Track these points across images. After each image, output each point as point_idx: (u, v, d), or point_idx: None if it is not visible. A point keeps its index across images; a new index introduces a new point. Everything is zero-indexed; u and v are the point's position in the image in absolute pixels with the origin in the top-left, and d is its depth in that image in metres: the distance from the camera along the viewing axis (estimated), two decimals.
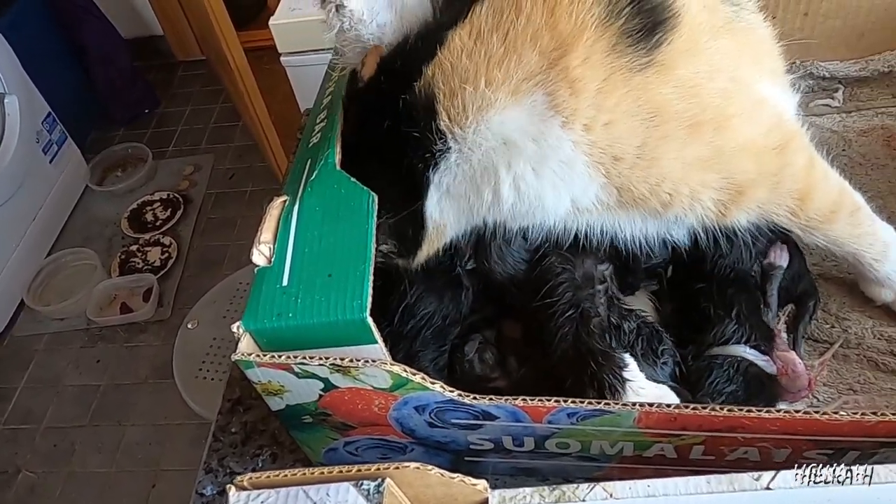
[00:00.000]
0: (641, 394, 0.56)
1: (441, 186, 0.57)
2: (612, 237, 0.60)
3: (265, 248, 0.53)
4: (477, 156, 0.54)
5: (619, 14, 0.51)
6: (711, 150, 0.54)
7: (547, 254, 0.64)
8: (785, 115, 0.60)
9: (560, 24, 0.51)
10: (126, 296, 1.97)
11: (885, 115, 0.84)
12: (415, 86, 0.54)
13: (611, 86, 0.51)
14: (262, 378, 0.50)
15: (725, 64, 0.55)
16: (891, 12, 0.81)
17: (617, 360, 0.57)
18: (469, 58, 0.52)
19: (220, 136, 2.49)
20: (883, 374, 0.62)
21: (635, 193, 0.55)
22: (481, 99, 0.51)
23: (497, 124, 0.52)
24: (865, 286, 0.67)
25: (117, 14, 2.51)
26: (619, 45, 0.51)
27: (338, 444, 0.59)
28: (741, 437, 0.49)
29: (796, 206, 0.58)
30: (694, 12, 0.54)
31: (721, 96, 0.54)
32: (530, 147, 0.53)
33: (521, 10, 0.51)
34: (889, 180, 0.77)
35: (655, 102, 0.52)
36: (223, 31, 1.77)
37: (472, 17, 0.53)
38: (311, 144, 0.61)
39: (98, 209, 2.28)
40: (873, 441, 0.47)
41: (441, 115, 0.53)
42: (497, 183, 0.55)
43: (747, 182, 0.56)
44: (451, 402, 0.49)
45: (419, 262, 0.62)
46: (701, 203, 0.56)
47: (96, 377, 1.85)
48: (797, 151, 0.58)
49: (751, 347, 0.61)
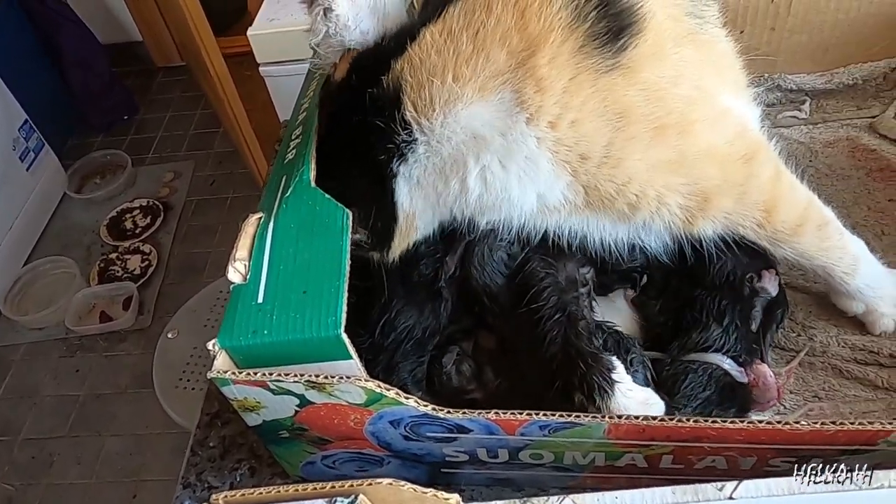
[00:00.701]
0: (629, 395, 0.57)
1: (411, 179, 0.58)
2: (583, 240, 0.61)
3: (241, 265, 0.54)
4: (447, 149, 0.56)
5: (585, 17, 0.53)
6: (676, 154, 0.55)
7: (529, 259, 0.64)
8: (749, 126, 0.62)
9: (529, 26, 0.52)
10: (105, 304, 1.95)
11: (850, 126, 0.87)
12: (383, 79, 0.55)
13: (577, 85, 0.53)
14: (238, 395, 0.51)
15: (689, 72, 0.57)
16: (854, 28, 0.83)
17: (605, 362, 0.58)
18: (438, 54, 0.53)
19: (200, 143, 2.47)
20: (847, 381, 0.64)
21: (602, 193, 0.56)
22: (448, 93, 0.53)
23: (465, 118, 0.54)
24: (836, 298, 0.68)
25: (95, 20, 2.49)
26: (585, 47, 0.53)
27: (315, 458, 0.59)
28: (708, 446, 0.50)
29: (763, 217, 0.59)
30: (659, 20, 0.56)
31: (685, 102, 0.55)
32: (498, 140, 0.54)
33: (492, 12, 0.53)
34: (854, 191, 0.79)
35: (621, 104, 0.53)
36: (202, 37, 1.76)
37: (444, 16, 0.54)
38: (286, 161, 0.62)
39: (76, 217, 2.26)
40: (835, 449, 0.49)
41: (407, 105, 0.54)
42: (465, 173, 0.56)
43: (712, 189, 0.57)
44: (426, 416, 0.50)
45: (394, 257, 0.63)
46: (668, 208, 0.57)
47: (75, 387, 1.83)
48: (764, 163, 0.59)
49: (729, 357, 0.63)
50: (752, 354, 0.63)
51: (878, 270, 0.65)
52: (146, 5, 2.54)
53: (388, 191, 0.59)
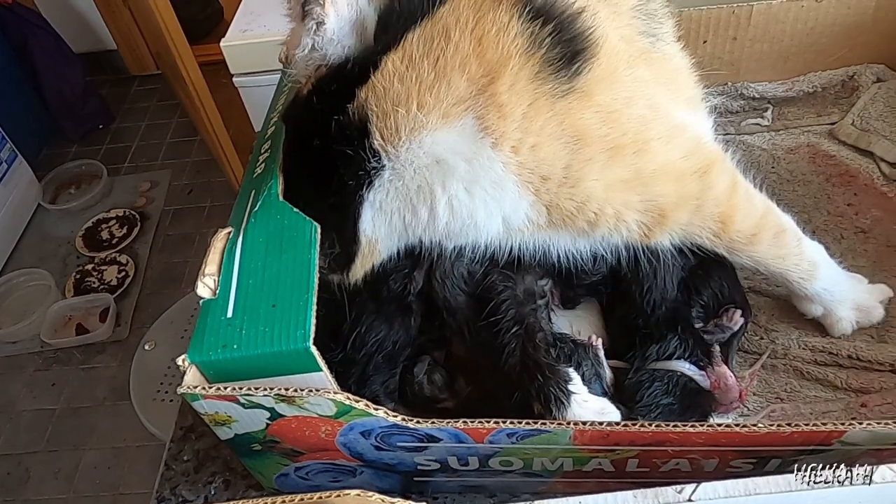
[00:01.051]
0: (585, 406, 0.58)
1: (375, 203, 0.59)
2: (546, 255, 0.63)
3: (210, 280, 0.54)
4: (409, 173, 0.56)
5: (540, 44, 0.54)
6: (632, 172, 0.56)
7: (488, 273, 0.66)
8: (704, 139, 0.63)
9: (487, 53, 0.53)
10: (82, 316, 1.93)
11: (810, 133, 0.89)
12: (348, 108, 0.56)
13: (535, 111, 0.54)
14: (208, 409, 0.51)
15: (643, 91, 0.58)
16: (812, 37, 0.86)
17: (562, 373, 0.59)
18: (401, 82, 0.54)
19: (177, 152, 2.46)
20: (807, 382, 0.66)
21: (563, 212, 0.57)
22: (414, 121, 0.54)
23: (429, 144, 0.55)
24: (797, 302, 0.70)
25: (68, 28, 2.47)
26: (541, 73, 0.54)
27: (289, 470, 0.60)
28: (671, 449, 0.52)
29: (718, 228, 0.61)
30: (612, 43, 0.57)
31: (639, 122, 0.57)
32: (462, 167, 0.55)
33: (451, 39, 0.54)
34: (814, 196, 0.81)
35: (578, 126, 0.55)
36: (177, 46, 1.76)
37: (404, 43, 0.55)
38: (255, 175, 0.62)
39: (51, 228, 2.23)
40: (792, 449, 0.50)
41: (374, 134, 0.55)
42: (433, 202, 0.57)
43: (669, 205, 0.58)
44: (395, 426, 0.51)
45: (355, 279, 0.63)
46: (626, 224, 0.59)
47: (51, 401, 1.81)
48: (719, 174, 0.60)
49: (690, 362, 0.64)
50: (709, 356, 0.64)
51: (837, 275, 0.67)
52: (120, 14, 2.52)
53: (352, 216, 0.59)
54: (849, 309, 0.68)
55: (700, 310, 0.69)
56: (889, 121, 0.85)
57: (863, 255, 0.75)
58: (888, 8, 0.84)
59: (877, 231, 0.77)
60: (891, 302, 0.70)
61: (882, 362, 0.66)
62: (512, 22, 0.53)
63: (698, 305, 0.69)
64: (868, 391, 0.65)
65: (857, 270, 0.71)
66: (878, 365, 0.66)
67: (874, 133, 0.85)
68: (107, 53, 2.70)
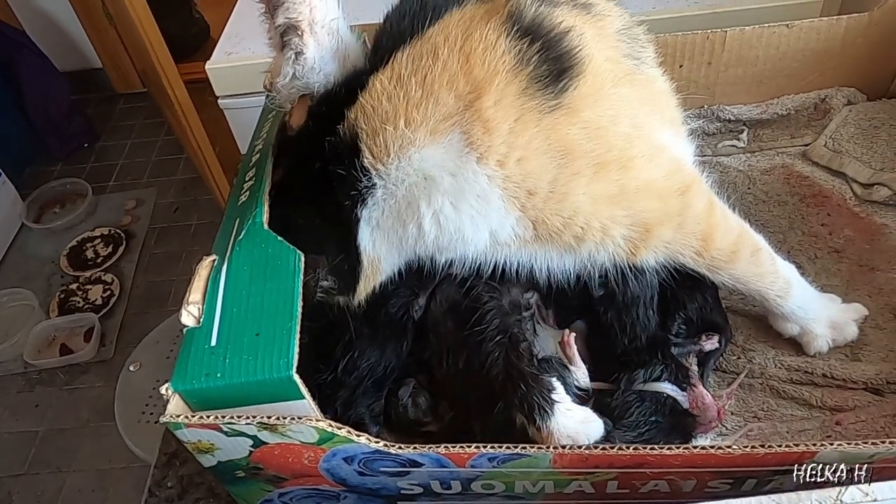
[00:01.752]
0: (568, 415, 0.59)
1: (371, 221, 0.59)
2: (531, 271, 0.64)
3: (194, 308, 0.54)
4: (401, 191, 0.57)
5: (528, 61, 0.55)
6: (617, 188, 0.58)
7: (474, 285, 0.66)
8: (684, 161, 0.65)
9: (474, 70, 0.54)
10: (66, 336, 1.91)
11: (784, 154, 0.91)
12: (338, 128, 0.57)
13: (522, 126, 0.55)
14: (191, 438, 0.52)
15: (627, 110, 0.60)
16: (784, 62, 0.88)
17: (545, 382, 0.60)
18: (389, 100, 0.55)
19: (162, 170, 2.45)
20: (784, 401, 0.67)
21: (550, 226, 0.58)
22: (402, 138, 0.55)
23: (417, 161, 0.56)
24: (773, 321, 0.71)
25: (54, 47, 2.47)
26: (529, 89, 0.55)
27: (272, 496, 0.60)
28: (649, 471, 0.53)
29: (700, 246, 0.62)
30: (597, 62, 0.59)
31: (624, 139, 0.58)
32: (448, 181, 0.56)
33: (439, 58, 0.55)
34: (789, 216, 0.83)
35: (564, 141, 0.56)
36: (163, 65, 1.76)
37: (392, 63, 0.56)
38: (240, 202, 0.63)
39: (35, 247, 2.21)
40: (767, 469, 0.51)
41: (365, 153, 0.56)
42: (419, 217, 0.58)
43: (653, 221, 0.60)
44: (378, 451, 0.51)
45: (359, 299, 0.64)
46: (612, 239, 0.60)
47: (35, 423, 1.79)
48: (697, 194, 0.62)
49: (672, 384, 0.66)
50: (687, 377, 0.66)
51: (809, 294, 0.69)
52: (106, 32, 2.53)
53: (352, 236, 0.60)
54: (824, 327, 0.69)
55: (681, 328, 0.70)
56: (860, 142, 0.87)
57: (836, 275, 0.77)
58: (856, 33, 0.86)
59: (849, 251, 0.79)
60: (864, 320, 0.71)
61: (856, 380, 0.67)
62: (500, 40, 0.55)
63: (679, 323, 0.70)
64: (843, 409, 0.66)
65: (831, 290, 0.73)
66: (851, 383, 0.67)
67: (846, 154, 0.87)
68: (92, 72, 2.70)
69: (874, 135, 0.88)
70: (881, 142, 0.87)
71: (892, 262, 0.77)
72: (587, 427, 0.59)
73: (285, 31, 0.57)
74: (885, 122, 0.89)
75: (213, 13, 2.45)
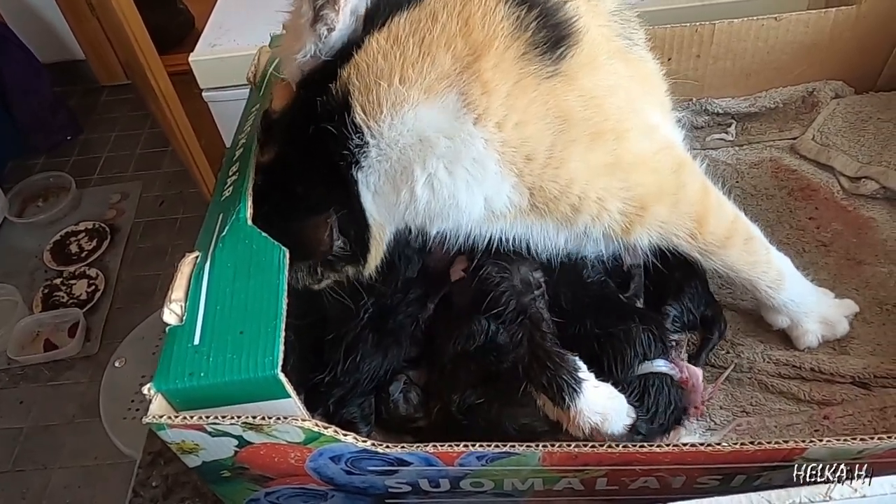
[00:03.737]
0: (596, 392, 0.58)
1: (370, 186, 0.59)
2: (528, 246, 0.63)
3: (176, 306, 0.53)
4: (395, 153, 0.56)
5: (526, 27, 0.55)
6: (613, 157, 0.58)
7: (482, 265, 0.65)
8: (675, 143, 0.65)
9: (473, 33, 0.55)
10: (50, 332, 1.89)
11: (772, 148, 0.91)
12: (330, 87, 0.56)
13: (520, 90, 0.55)
14: (174, 438, 0.51)
15: (621, 84, 0.61)
16: (773, 55, 0.88)
17: (571, 361, 0.58)
18: (385, 58, 0.55)
19: (147, 163, 2.42)
20: (772, 395, 0.67)
21: (546, 194, 0.58)
22: (395, 95, 0.54)
23: (411, 120, 0.55)
24: (764, 312, 0.71)
25: (36, 39, 2.43)
26: (527, 55, 0.55)
27: (259, 495, 0.59)
28: (638, 468, 0.52)
29: (695, 228, 0.62)
30: (592, 34, 0.59)
31: (619, 111, 0.59)
32: (444, 143, 0.55)
33: (438, 20, 0.55)
34: (777, 210, 0.83)
35: (562, 108, 0.56)
36: (146, 57, 1.73)
37: (389, 24, 0.56)
38: (223, 198, 0.62)
39: (18, 242, 2.18)
40: (756, 466, 0.51)
41: (356, 108, 0.55)
42: (412, 182, 0.57)
43: (648, 196, 0.60)
44: (365, 451, 0.51)
45: (370, 271, 0.63)
46: (608, 213, 0.60)
47: (19, 419, 1.76)
48: (691, 174, 0.63)
49: (663, 359, 0.65)
50: (666, 343, 0.66)
51: (804, 287, 0.69)
52: (88, 23, 2.48)
53: (354, 199, 0.59)
54: (815, 322, 0.69)
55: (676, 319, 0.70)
56: (847, 136, 0.87)
57: (824, 269, 0.77)
58: (844, 26, 0.86)
59: (837, 244, 0.79)
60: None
61: (843, 374, 0.67)
62: (499, 6, 0.55)
63: (673, 316, 0.70)
64: (830, 403, 0.66)
65: (819, 283, 0.73)
66: (839, 377, 0.67)
67: (833, 148, 0.87)
68: (75, 63, 2.66)
69: (862, 128, 0.88)
70: (868, 135, 0.87)
71: (880, 256, 0.77)
72: (614, 402, 0.58)
73: (322, 6, 0.55)
74: (873, 115, 0.89)
75: (198, 4, 2.41)
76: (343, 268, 0.63)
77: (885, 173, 0.82)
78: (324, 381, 0.65)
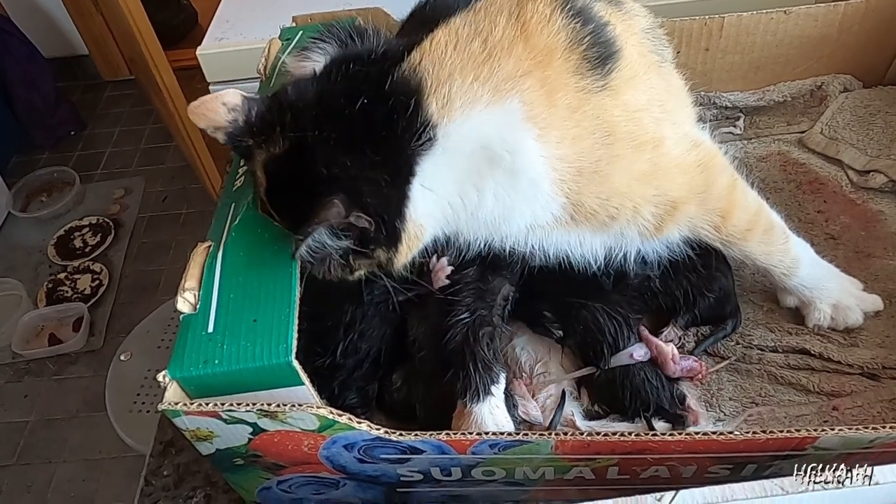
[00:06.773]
0: (493, 413, 0.61)
1: (424, 181, 0.56)
2: (561, 255, 0.64)
3: (190, 294, 0.54)
4: (459, 157, 0.56)
5: (581, 41, 0.57)
6: (651, 167, 0.60)
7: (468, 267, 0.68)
8: (704, 138, 0.67)
9: (532, 38, 0.56)
10: (54, 326, 1.89)
11: (781, 141, 0.91)
12: (401, 65, 0.55)
13: (578, 103, 0.56)
14: (189, 425, 0.51)
15: (657, 96, 0.62)
16: (781, 49, 0.88)
17: (494, 374, 0.62)
18: (455, 51, 0.55)
19: (151, 158, 2.42)
20: (781, 386, 0.68)
21: (587, 209, 0.59)
22: (469, 93, 0.54)
23: (479, 124, 0.55)
24: (778, 291, 0.73)
25: (39, 34, 2.42)
26: (581, 68, 0.57)
27: (271, 483, 0.59)
28: (650, 457, 0.53)
29: (719, 221, 0.65)
30: (630, 51, 0.61)
31: (655, 122, 0.60)
32: (507, 158, 0.56)
33: (496, 24, 0.56)
34: (786, 203, 0.83)
35: (610, 122, 0.58)
36: (151, 52, 1.73)
37: (448, 25, 0.57)
38: (234, 188, 0.62)
39: (22, 236, 2.18)
40: (767, 455, 0.51)
41: (427, 100, 0.54)
42: (482, 189, 0.58)
43: (680, 198, 0.62)
44: (378, 439, 0.51)
45: (399, 268, 0.60)
46: (642, 217, 0.61)
47: (24, 413, 1.77)
48: (720, 170, 0.65)
49: (632, 345, 0.67)
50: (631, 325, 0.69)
51: (821, 272, 0.70)
52: (92, 18, 2.48)
53: (402, 189, 0.56)
54: (827, 304, 0.70)
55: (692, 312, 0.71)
56: (856, 129, 0.87)
57: (832, 262, 0.76)
58: (853, 20, 0.86)
59: (846, 237, 0.79)
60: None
61: (852, 364, 0.67)
62: (554, 15, 0.57)
63: (696, 310, 0.71)
64: (839, 394, 0.66)
65: None
66: (848, 368, 0.67)
67: (842, 141, 0.87)
68: (78, 58, 2.66)
69: (870, 122, 0.88)
70: (877, 129, 0.87)
71: (888, 249, 0.77)
72: (494, 428, 0.61)
73: None
74: (881, 109, 0.89)
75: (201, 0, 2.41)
76: (375, 253, 0.58)
77: (893, 167, 0.82)
78: (324, 364, 0.66)
